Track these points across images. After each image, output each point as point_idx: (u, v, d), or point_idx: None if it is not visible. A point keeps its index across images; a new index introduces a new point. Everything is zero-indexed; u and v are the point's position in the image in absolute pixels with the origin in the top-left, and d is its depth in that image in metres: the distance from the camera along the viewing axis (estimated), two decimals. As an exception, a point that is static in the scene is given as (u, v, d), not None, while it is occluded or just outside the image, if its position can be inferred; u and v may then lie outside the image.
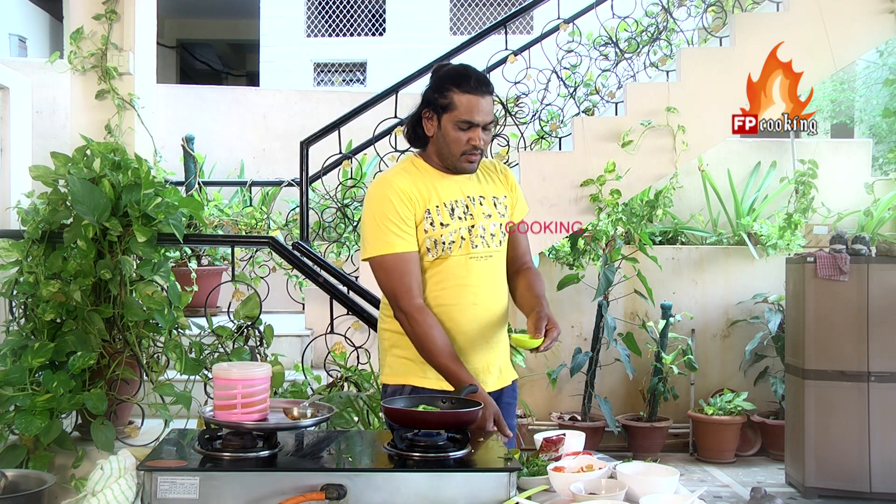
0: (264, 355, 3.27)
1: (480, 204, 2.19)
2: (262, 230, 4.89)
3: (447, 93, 2.11)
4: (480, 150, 2.15)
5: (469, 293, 2.15)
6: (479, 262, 2.17)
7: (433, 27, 10.53)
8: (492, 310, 2.19)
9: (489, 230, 2.19)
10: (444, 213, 2.15)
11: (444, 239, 2.14)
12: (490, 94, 2.14)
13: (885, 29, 4.52)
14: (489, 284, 2.19)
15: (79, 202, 3.01)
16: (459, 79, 2.12)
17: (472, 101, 2.10)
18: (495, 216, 2.21)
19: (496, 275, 2.21)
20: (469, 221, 2.16)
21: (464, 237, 2.15)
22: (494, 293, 2.20)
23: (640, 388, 5.59)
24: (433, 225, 2.14)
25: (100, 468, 1.68)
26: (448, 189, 2.18)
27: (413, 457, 1.68)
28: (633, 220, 5.47)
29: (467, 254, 2.15)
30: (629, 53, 4.77)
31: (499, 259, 2.23)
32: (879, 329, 4.49)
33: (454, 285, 2.15)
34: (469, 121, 2.10)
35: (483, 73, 2.20)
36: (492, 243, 2.19)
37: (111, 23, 4.41)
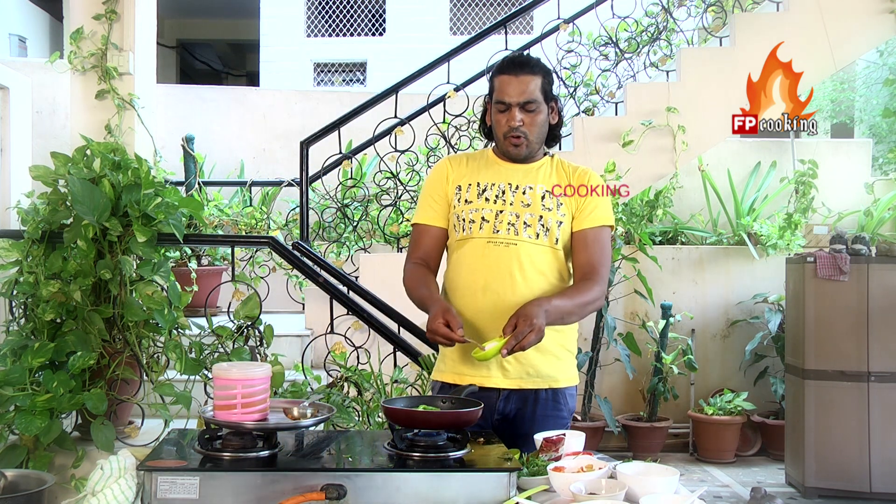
0: (264, 355, 3.27)
1: (523, 193, 2.15)
2: (262, 230, 4.89)
3: (492, 79, 2.18)
4: (522, 133, 2.12)
5: (480, 278, 2.12)
6: (499, 247, 2.12)
7: (433, 27, 10.53)
8: (507, 300, 2.07)
9: (522, 218, 2.13)
10: (473, 192, 2.17)
11: (464, 216, 2.16)
12: (529, 73, 2.10)
13: (885, 29, 4.53)
14: (506, 272, 2.10)
15: (79, 202, 3.01)
16: (500, 63, 2.17)
17: (503, 81, 2.12)
18: (536, 207, 2.14)
19: (520, 264, 2.11)
20: (498, 206, 2.14)
21: (486, 219, 2.14)
22: (514, 283, 2.10)
23: (640, 388, 5.59)
24: (459, 201, 2.18)
25: (100, 468, 1.68)
26: (491, 173, 2.20)
27: (413, 457, 1.68)
28: (633, 220, 5.47)
29: (487, 237, 2.13)
30: (629, 53, 4.77)
31: (530, 250, 2.12)
32: (879, 329, 4.49)
33: (469, 268, 2.15)
34: (501, 100, 2.12)
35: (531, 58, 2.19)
36: (522, 232, 2.12)
37: (111, 23, 4.41)
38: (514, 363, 2.12)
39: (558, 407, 2.17)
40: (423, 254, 2.23)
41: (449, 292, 2.20)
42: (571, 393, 2.22)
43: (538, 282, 2.12)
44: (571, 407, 2.22)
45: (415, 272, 2.19)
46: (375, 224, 4.58)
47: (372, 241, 4.61)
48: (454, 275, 2.19)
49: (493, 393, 2.12)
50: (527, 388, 2.14)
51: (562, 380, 2.18)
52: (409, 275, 2.20)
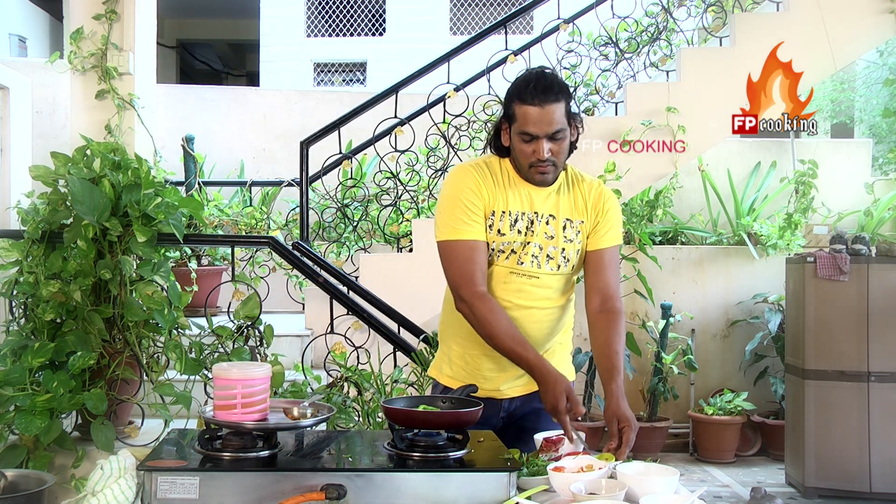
0: (264, 355, 3.27)
1: (547, 223, 2.11)
2: (262, 230, 4.90)
3: (511, 104, 2.06)
4: (551, 161, 2.04)
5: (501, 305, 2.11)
6: (520, 279, 2.11)
7: (433, 27, 10.54)
8: (525, 329, 2.10)
9: (546, 251, 2.11)
10: (506, 223, 2.10)
11: (494, 246, 2.11)
12: (554, 102, 2.00)
13: (885, 29, 4.53)
14: (524, 302, 2.11)
15: (79, 202, 3.01)
16: (521, 88, 2.03)
17: (529, 113, 2.01)
18: (559, 239, 2.11)
19: (538, 295, 2.12)
20: (526, 238, 2.10)
21: (515, 251, 2.10)
22: (529, 312, 2.12)
23: (640, 388, 5.58)
24: (491, 228, 2.10)
25: (100, 468, 1.68)
26: (518, 198, 2.12)
27: (413, 457, 1.68)
28: (633, 220, 5.47)
29: (510, 268, 2.11)
30: (629, 53, 4.77)
31: (550, 282, 2.13)
32: (879, 329, 4.49)
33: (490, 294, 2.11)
34: (527, 132, 2.03)
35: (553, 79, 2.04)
36: (545, 265, 2.11)
37: (111, 23, 4.41)
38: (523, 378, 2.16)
39: None
40: (483, 275, 2.08)
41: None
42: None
43: (552, 310, 2.17)
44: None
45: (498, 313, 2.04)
46: (375, 224, 4.58)
47: (372, 241, 4.62)
48: None
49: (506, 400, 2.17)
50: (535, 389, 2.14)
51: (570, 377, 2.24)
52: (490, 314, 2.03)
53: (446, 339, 2.26)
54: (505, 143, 2.12)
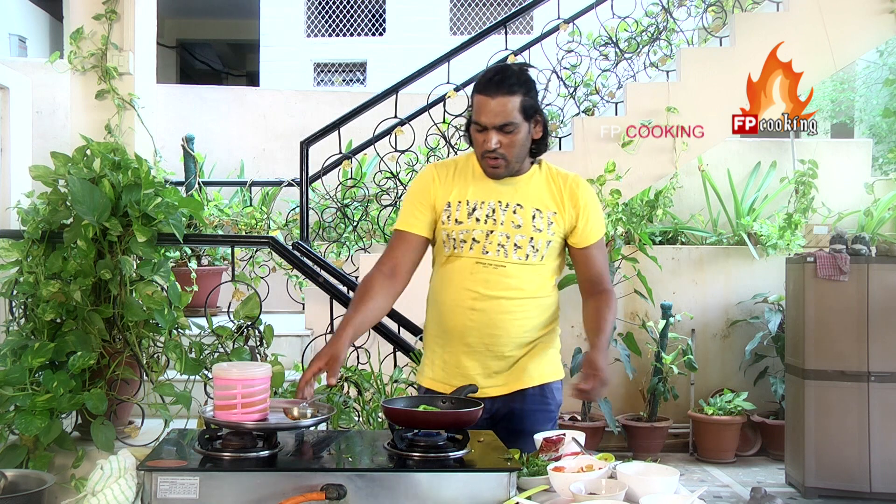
0: (264, 355, 3.27)
1: (514, 212, 2.11)
2: (262, 230, 4.89)
3: (472, 95, 2.10)
4: (500, 155, 2.05)
5: (468, 297, 2.11)
6: (488, 269, 2.10)
7: (433, 27, 10.53)
8: (495, 320, 2.11)
9: (513, 240, 2.10)
10: (463, 211, 2.13)
11: (455, 235, 2.13)
12: (505, 94, 2.02)
13: (885, 29, 4.53)
14: (495, 294, 2.11)
15: (79, 202, 3.01)
16: (479, 79, 2.09)
17: (479, 102, 2.05)
18: (527, 228, 2.11)
19: (507, 285, 2.11)
20: (489, 226, 2.11)
21: (477, 240, 2.11)
22: (502, 304, 2.11)
23: (640, 388, 5.59)
24: (449, 219, 2.14)
25: (100, 468, 1.68)
26: (480, 189, 2.14)
27: (413, 457, 1.68)
28: (633, 220, 5.47)
29: (476, 258, 2.11)
30: (629, 53, 4.77)
31: (519, 271, 2.12)
32: (879, 329, 4.49)
33: (456, 287, 2.13)
34: (478, 122, 2.06)
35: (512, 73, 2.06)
36: (512, 254, 2.10)
37: (111, 23, 4.41)
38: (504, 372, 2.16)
39: (545, 401, 2.20)
40: (395, 262, 2.16)
41: (437, 305, 2.20)
42: (557, 387, 2.25)
43: (523, 301, 2.15)
44: (558, 400, 2.25)
45: (365, 286, 2.13)
46: (375, 224, 4.58)
47: (372, 241, 4.61)
48: (441, 289, 2.19)
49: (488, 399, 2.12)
50: (515, 389, 2.17)
51: (547, 374, 2.21)
52: (361, 285, 2.15)
53: (428, 342, 2.26)
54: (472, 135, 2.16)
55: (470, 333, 2.13)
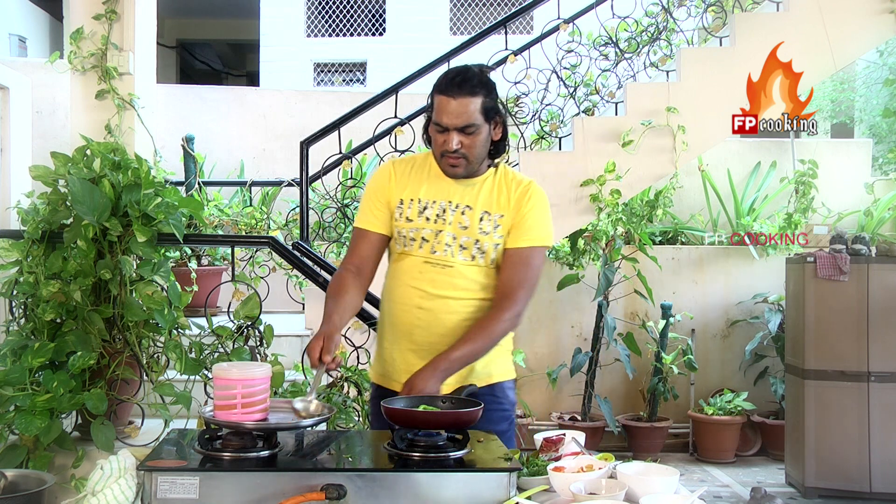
0: (264, 355, 3.27)
1: (462, 213, 2.12)
2: (262, 230, 4.89)
3: (432, 94, 2.11)
4: (461, 155, 2.06)
5: (415, 296, 2.12)
6: (435, 268, 2.11)
7: (433, 27, 10.53)
8: (441, 320, 2.11)
9: (459, 241, 2.11)
10: (414, 210, 2.14)
11: (404, 233, 2.14)
12: (467, 96, 2.02)
13: (885, 29, 4.53)
14: (441, 293, 2.11)
15: (79, 202, 3.01)
16: (441, 80, 2.09)
17: (440, 102, 2.05)
18: (473, 230, 2.11)
19: (453, 286, 2.11)
20: (438, 226, 2.12)
21: (426, 238, 2.12)
22: (446, 303, 2.11)
23: (640, 388, 5.59)
24: (401, 216, 2.15)
25: (100, 468, 1.68)
26: (433, 189, 2.15)
27: (413, 457, 1.68)
28: (633, 220, 5.47)
29: (424, 257, 2.12)
30: (629, 53, 4.77)
31: (465, 272, 2.12)
32: (879, 329, 4.49)
33: (405, 284, 2.14)
34: (438, 122, 2.06)
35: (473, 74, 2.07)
36: (458, 255, 2.11)
37: (111, 23, 4.41)
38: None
39: (498, 400, 2.18)
40: (359, 260, 2.18)
41: (387, 302, 2.21)
42: (510, 386, 2.24)
43: (471, 301, 2.14)
44: (512, 399, 2.24)
45: (337, 282, 2.14)
46: (375, 224, 4.57)
47: (372, 241, 4.60)
48: (392, 285, 2.20)
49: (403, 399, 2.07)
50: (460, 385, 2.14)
51: (496, 375, 2.19)
52: (332, 282, 2.17)
53: (379, 337, 2.27)
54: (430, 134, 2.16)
55: (416, 332, 2.13)
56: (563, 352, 5.63)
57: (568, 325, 5.75)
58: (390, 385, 2.18)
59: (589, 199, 4.32)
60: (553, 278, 5.43)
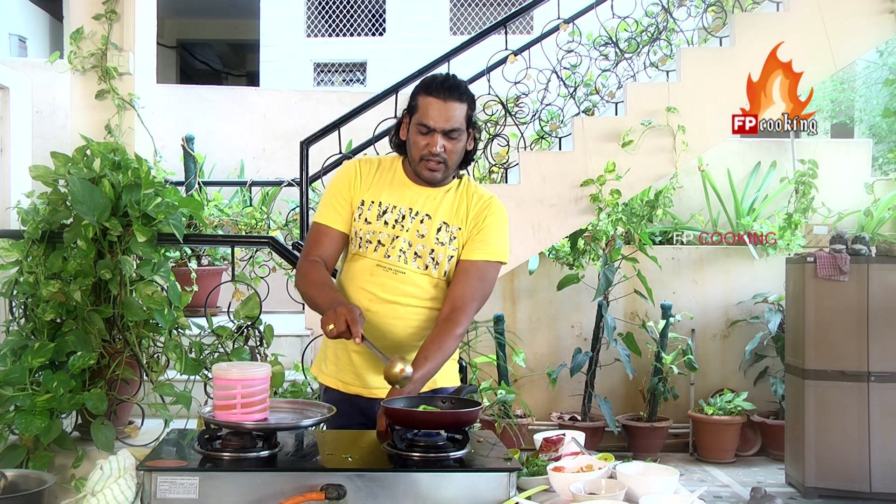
0: (264, 355, 3.27)
1: (421, 222, 2.12)
2: (262, 230, 4.89)
3: (416, 95, 2.12)
4: (442, 159, 2.06)
5: (365, 298, 2.11)
6: (387, 273, 2.11)
7: (433, 27, 10.53)
8: (387, 324, 2.11)
9: (414, 248, 2.11)
10: (374, 212, 2.13)
11: (361, 234, 2.13)
12: (457, 100, 2.05)
13: (885, 29, 4.53)
14: (390, 299, 2.11)
15: (79, 202, 3.01)
16: (428, 82, 2.10)
17: (431, 104, 2.05)
18: (429, 239, 2.11)
19: (406, 294, 2.11)
20: (395, 231, 2.11)
21: (382, 242, 2.11)
22: (395, 310, 2.11)
23: (640, 388, 5.59)
24: (360, 217, 2.14)
25: (100, 468, 1.68)
26: (396, 194, 2.14)
27: (413, 457, 1.68)
28: (633, 220, 5.47)
29: (377, 261, 2.11)
30: (629, 53, 4.77)
31: (417, 280, 2.11)
32: (879, 329, 4.49)
33: (356, 286, 2.14)
34: (425, 124, 2.05)
35: (462, 82, 2.11)
36: (411, 262, 2.10)
37: (111, 23, 4.41)
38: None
39: None
40: (322, 254, 2.14)
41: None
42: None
43: (419, 309, 2.13)
44: None
45: (316, 271, 2.09)
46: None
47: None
48: (343, 286, 2.18)
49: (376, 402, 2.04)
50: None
51: (440, 380, 2.16)
52: (308, 272, 2.10)
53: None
54: (402, 137, 2.15)
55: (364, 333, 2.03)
56: (563, 352, 5.62)
57: (568, 325, 5.75)
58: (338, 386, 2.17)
59: (589, 199, 4.32)
60: (553, 278, 5.43)
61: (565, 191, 4.33)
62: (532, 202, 4.30)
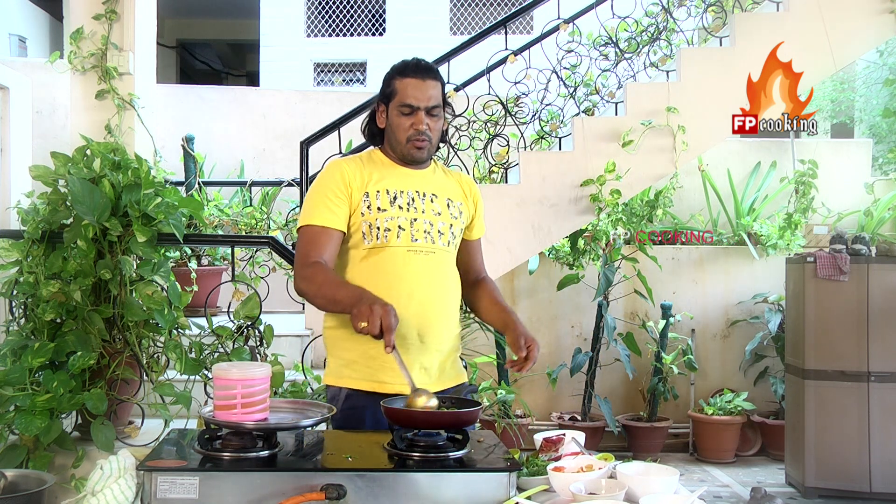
0: (264, 355, 3.27)
1: (431, 201, 2.16)
2: (262, 230, 4.89)
3: (391, 81, 2.17)
4: (427, 137, 2.12)
5: (405, 286, 2.08)
6: (419, 256, 2.11)
7: (433, 27, 10.53)
8: (430, 307, 2.10)
9: (436, 227, 2.14)
10: (384, 199, 2.12)
11: (378, 224, 2.10)
12: (433, 79, 2.14)
13: (885, 29, 4.53)
14: (429, 281, 2.11)
15: (79, 202, 3.01)
16: (401, 66, 2.17)
17: (410, 84, 2.12)
18: (446, 215, 2.17)
19: (439, 273, 2.14)
20: (412, 214, 2.12)
21: (402, 227, 2.10)
22: (435, 291, 2.12)
23: (640, 388, 5.59)
24: (370, 208, 2.11)
25: (100, 468, 1.68)
26: (397, 179, 2.16)
27: (413, 457, 1.68)
28: (633, 220, 5.47)
29: (406, 246, 2.10)
30: (629, 53, 4.77)
31: (445, 258, 2.16)
32: (879, 329, 4.49)
33: (390, 277, 2.09)
34: (409, 104, 2.11)
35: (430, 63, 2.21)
36: (438, 240, 2.14)
37: (111, 23, 4.41)
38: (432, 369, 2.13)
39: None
40: (323, 256, 2.06)
41: None
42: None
43: (452, 287, 2.19)
44: None
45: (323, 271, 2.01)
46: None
47: (372, 241, 4.60)
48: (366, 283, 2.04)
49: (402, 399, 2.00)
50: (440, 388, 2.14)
51: (461, 377, 2.24)
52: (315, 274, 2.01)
53: (340, 342, 2.15)
54: (381, 125, 2.20)
55: (404, 325, 2.03)
56: (563, 352, 5.62)
57: (568, 325, 5.75)
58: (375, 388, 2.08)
59: (589, 199, 4.32)
60: (553, 278, 5.43)
61: (565, 191, 4.33)
62: (532, 202, 4.30)
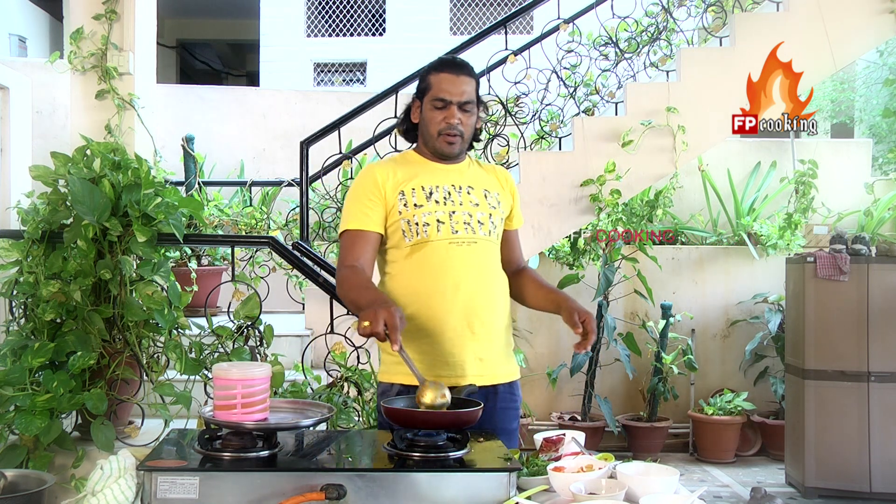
0: (264, 355, 3.27)
1: (468, 193, 2.18)
2: (262, 230, 4.89)
3: (426, 77, 2.20)
4: (458, 131, 2.15)
5: (450, 277, 2.10)
6: (462, 247, 2.13)
7: (433, 27, 10.53)
8: (477, 297, 2.12)
9: (476, 217, 2.16)
10: (420, 195, 2.14)
11: (417, 220, 2.12)
12: (468, 76, 2.16)
13: (885, 29, 4.53)
14: (474, 271, 2.13)
15: (79, 202, 3.01)
16: (437, 63, 2.21)
17: (444, 79, 2.14)
18: (484, 206, 2.19)
19: (484, 262, 2.16)
20: (450, 207, 2.14)
21: (442, 221, 2.12)
22: (481, 280, 2.14)
23: (640, 388, 5.59)
24: (406, 206, 2.13)
25: (100, 468, 1.68)
26: (431, 175, 2.19)
27: (413, 457, 1.68)
28: (633, 220, 5.47)
29: (448, 239, 2.12)
30: (629, 53, 4.77)
31: (487, 247, 2.18)
32: (879, 329, 4.49)
33: (435, 271, 2.11)
34: (442, 98, 2.13)
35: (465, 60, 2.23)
36: (479, 230, 2.15)
37: (111, 23, 4.41)
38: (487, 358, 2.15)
39: (514, 399, 2.23)
40: (359, 259, 2.10)
41: (407, 297, 2.12)
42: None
43: (497, 276, 2.22)
44: (520, 398, 2.29)
45: (356, 274, 2.05)
46: (375, 224, 4.56)
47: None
48: (411, 280, 2.12)
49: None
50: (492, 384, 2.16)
51: (514, 373, 2.26)
52: (348, 277, 2.05)
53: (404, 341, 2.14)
54: (415, 120, 2.23)
55: (453, 316, 2.09)
56: (563, 352, 5.62)
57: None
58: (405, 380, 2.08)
59: (589, 199, 4.32)
60: (553, 278, 5.43)
61: (565, 191, 4.33)
62: (532, 202, 4.30)
